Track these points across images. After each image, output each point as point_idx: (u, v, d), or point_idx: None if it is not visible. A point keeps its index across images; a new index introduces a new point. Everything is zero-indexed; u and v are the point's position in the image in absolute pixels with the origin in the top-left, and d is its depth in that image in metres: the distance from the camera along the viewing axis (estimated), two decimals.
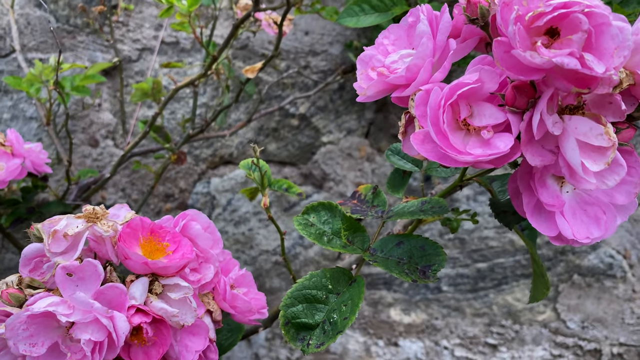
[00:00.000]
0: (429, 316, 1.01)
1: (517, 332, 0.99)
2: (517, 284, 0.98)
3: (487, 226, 0.98)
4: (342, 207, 0.41)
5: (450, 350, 1.01)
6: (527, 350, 0.99)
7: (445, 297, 1.00)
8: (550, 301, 0.98)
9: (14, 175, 0.67)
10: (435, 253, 0.37)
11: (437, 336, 1.01)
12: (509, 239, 0.97)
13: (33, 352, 0.32)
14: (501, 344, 0.99)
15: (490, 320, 0.99)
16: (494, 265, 0.98)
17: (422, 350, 1.01)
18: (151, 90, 0.75)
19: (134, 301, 0.36)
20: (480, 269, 0.99)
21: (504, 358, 0.99)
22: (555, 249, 0.97)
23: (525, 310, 0.98)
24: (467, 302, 1.00)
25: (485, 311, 0.99)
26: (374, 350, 1.03)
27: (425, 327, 1.01)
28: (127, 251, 0.36)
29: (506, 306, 0.99)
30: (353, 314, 0.36)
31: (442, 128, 0.28)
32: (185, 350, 0.39)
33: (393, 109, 1.00)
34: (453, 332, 1.00)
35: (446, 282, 1.00)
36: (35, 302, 0.33)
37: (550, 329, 0.98)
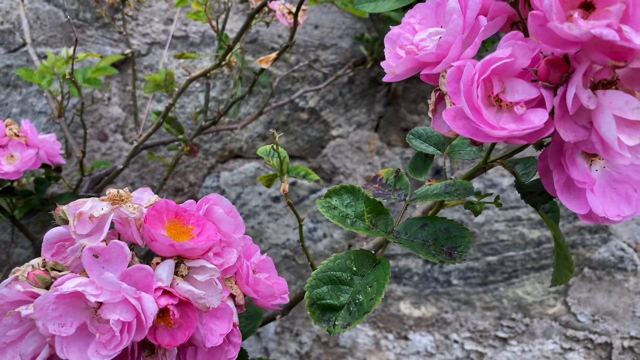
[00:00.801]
0: (439, 310, 1.01)
1: (527, 325, 0.98)
2: (527, 278, 0.98)
3: (497, 219, 0.98)
4: (364, 191, 0.41)
5: (460, 343, 1.01)
6: (538, 344, 0.98)
7: (455, 290, 1.00)
8: (561, 294, 0.98)
9: (28, 165, 0.67)
10: (461, 235, 0.37)
11: (447, 330, 1.01)
12: (519, 232, 0.97)
13: (62, 332, 0.32)
14: (511, 337, 0.99)
15: (500, 314, 0.99)
16: (504, 259, 0.98)
17: (432, 344, 1.01)
18: (164, 82, 0.75)
19: (161, 283, 0.36)
20: (490, 262, 0.99)
21: (514, 352, 0.99)
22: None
23: (536, 304, 0.98)
24: (477, 296, 1.00)
25: (496, 305, 0.99)
26: (384, 344, 1.03)
27: (435, 320, 1.01)
28: (153, 233, 0.36)
29: (516, 299, 0.99)
30: (379, 295, 0.36)
31: (475, 103, 0.28)
32: (210, 334, 0.39)
33: (403, 103, 1.00)
34: (463, 326, 1.00)
35: (456, 275, 1.00)
36: (63, 282, 0.33)
37: (560, 323, 0.98)
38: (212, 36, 1.04)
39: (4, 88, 1.09)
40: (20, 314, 0.33)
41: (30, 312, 0.33)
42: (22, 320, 0.34)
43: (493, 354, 0.99)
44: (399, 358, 1.03)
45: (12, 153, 0.67)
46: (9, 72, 1.09)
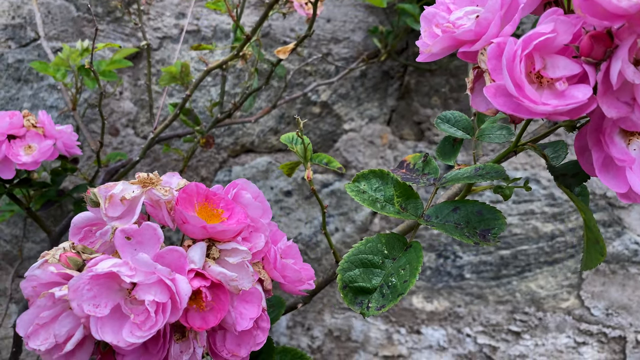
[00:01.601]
0: (451, 304, 1.00)
1: (540, 319, 0.98)
2: (540, 271, 0.98)
3: (510, 213, 0.97)
4: (394, 175, 0.41)
5: (473, 337, 1.00)
6: (551, 338, 0.98)
7: (468, 284, 1.00)
8: (574, 288, 0.97)
9: (46, 156, 0.67)
10: (494, 217, 0.37)
11: (459, 324, 1.00)
12: (533, 226, 0.97)
13: (97, 313, 0.32)
14: (524, 331, 0.99)
15: (513, 308, 0.99)
16: (517, 253, 0.98)
17: (445, 338, 1.01)
18: (179, 74, 0.74)
19: (193, 265, 0.35)
20: (503, 256, 0.98)
21: (527, 346, 0.99)
22: (580, 236, 0.97)
23: (549, 298, 0.98)
24: (490, 290, 0.99)
25: (509, 298, 0.99)
26: (396, 338, 1.03)
27: (447, 314, 1.01)
28: (185, 214, 0.36)
29: (529, 293, 0.98)
30: (413, 277, 0.36)
31: (518, 79, 0.28)
32: (240, 318, 0.38)
33: (416, 96, 0.99)
34: (476, 320, 1.00)
35: (469, 269, 0.99)
36: (97, 263, 0.33)
37: (574, 316, 0.98)
38: (224, 30, 1.04)
39: (15, 83, 1.09)
40: (54, 295, 0.33)
41: (64, 293, 0.33)
42: (55, 302, 0.34)
43: (506, 348, 0.99)
44: (411, 352, 1.02)
45: (30, 144, 0.67)
46: (21, 67, 1.09)
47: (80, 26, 1.08)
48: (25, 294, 0.35)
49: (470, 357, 1.01)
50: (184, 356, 0.36)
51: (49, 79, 1.08)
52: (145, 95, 1.07)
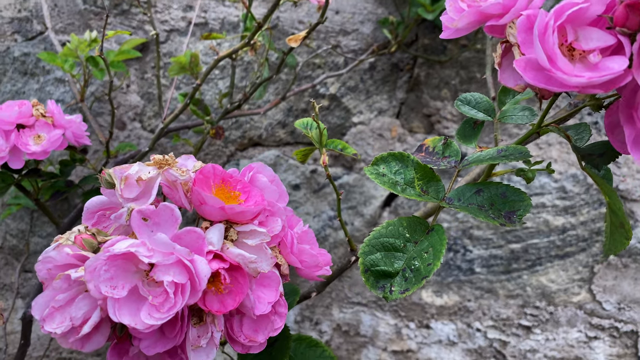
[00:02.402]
0: (461, 298, 0.99)
1: (551, 313, 0.97)
2: (551, 265, 0.97)
3: None
4: (414, 157, 0.40)
5: (483, 332, 0.99)
6: (562, 332, 0.97)
7: (478, 278, 0.99)
8: (586, 282, 0.96)
9: (55, 145, 0.66)
10: (519, 199, 0.36)
11: (469, 318, 1.00)
12: (544, 220, 0.96)
13: (115, 294, 0.31)
14: (535, 325, 0.98)
15: (524, 302, 0.98)
16: (528, 246, 0.97)
17: (455, 333, 1.00)
18: (189, 64, 0.74)
19: (212, 247, 0.35)
20: (513, 249, 0.97)
21: (538, 340, 0.98)
22: (591, 229, 0.96)
23: (560, 292, 0.97)
24: (501, 284, 0.98)
25: (519, 293, 0.98)
26: (405, 332, 1.02)
27: (457, 309, 1.00)
28: (203, 195, 0.35)
29: (540, 287, 0.97)
30: (437, 260, 0.35)
31: (550, 50, 0.27)
32: (258, 302, 0.38)
33: (426, 89, 0.98)
34: (486, 314, 0.99)
35: (479, 263, 0.98)
36: (114, 244, 0.32)
37: (585, 311, 0.97)
38: (231, 22, 1.04)
39: (21, 76, 1.08)
40: (69, 277, 0.32)
41: (80, 275, 0.32)
42: (70, 284, 0.33)
43: (516, 343, 0.98)
44: (421, 347, 1.01)
45: (39, 133, 0.67)
46: (27, 61, 1.09)
47: (87, 19, 1.07)
48: (39, 276, 0.34)
49: (480, 352, 1.00)
50: (202, 340, 0.35)
51: (55, 73, 1.07)
52: (152, 89, 1.06)
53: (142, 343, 0.35)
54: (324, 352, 0.51)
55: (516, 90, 0.31)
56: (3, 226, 1.12)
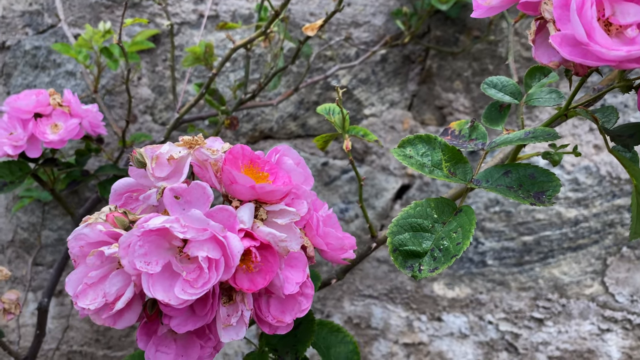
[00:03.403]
0: (473, 290, 0.99)
1: (563, 306, 0.97)
2: (563, 257, 0.97)
3: None
4: (441, 139, 0.40)
5: (495, 325, 0.99)
6: (574, 325, 0.97)
7: (490, 271, 0.99)
8: (598, 274, 0.96)
9: (72, 134, 0.67)
10: (548, 180, 0.36)
11: (481, 310, 1.00)
12: (556, 212, 0.96)
13: (149, 270, 0.31)
14: (547, 318, 0.98)
15: (536, 294, 0.98)
16: (540, 238, 0.97)
17: (466, 325, 1.00)
18: (203, 55, 0.74)
19: (242, 225, 0.35)
20: (526, 242, 0.97)
21: (550, 332, 0.98)
22: (604, 221, 0.95)
23: (572, 284, 0.97)
24: (513, 276, 0.98)
25: (531, 285, 0.98)
26: (417, 325, 1.02)
27: (469, 301, 1.00)
28: (234, 174, 0.35)
29: (552, 280, 0.97)
30: (467, 239, 0.35)
31: (589, 24, 0.27)
32: (287, 282, 0.38)
33: (438, 80, 0.98)
34: (498, 307, 0.99)
35: (491, 255, 0.98)
36: (148, 220, 0.32)
37: (598, 303, 0.96)
38: (242, 15, 1.04)
39: (32, 70, 1.08)
40: (103, 254, 0.33)
41: (113, 251, 0.32)
42: (103, 261, 0.33)
43: (528, 335, 0.98)
44: (432, 340, 1.01)
45: (56, 122, 0.67)
46: (38, 54, 1.09)
47: (98, 12, 1.07)
48: (72, 254, 0.34)
49: (492, 345, 1.00)
50: (232, 319, 0.35)
51: (66, 66, 1.07)
52: (163, 82, 1.07)
53: (173, 321, 0.35)
54: (345, 338, 0.51)
55: (550, 67, 0.31)
56: (14, 219, 1.12)
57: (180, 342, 0.38)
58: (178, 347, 0.37)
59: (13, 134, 0.65)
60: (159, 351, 0.37)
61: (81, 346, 1.15)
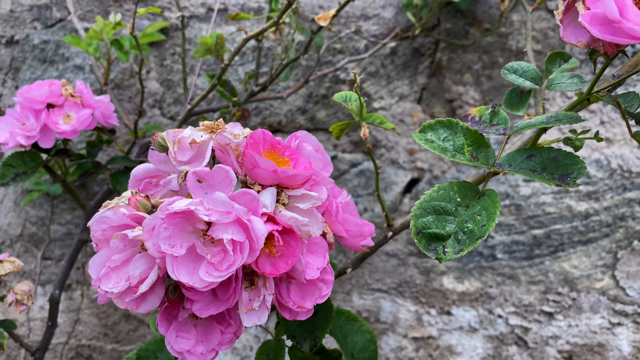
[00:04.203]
0: (482, 284, 0.99)
1: (574, 299, 0.97)
2: (574, 251, 0.96)
3: (544, 192, 0.96)
4: (463, 124, 0.40)
5: (504, 318, 0.99)
6: (585, 319, 0.97)
7: (499, 264, 0.98)
8: (609, 268, 0.96)
9: (85, 125, 0.67)
10: (572, 162, 0.36)
11: (491, 304, 0.99)
12: (567, 205, 0.95)
13: (174, 252, 0.31)
14: (557, 312, 0.97)
15: (546, 288, 0.97)
16: (551, 232, 0.96)
17: (476, 319, 1.00)
18: (214, 46, 0.73)
19: (265, 209, 0.35)
20: (536, 235, 0.97)
21: (560, 326, 0.97)
22: (615, 214, 0.95)
23: (583, 278, 0.96)
24: (522, 270, 0.98)
25: (541, 279, 0.98)
26: (426, 319, 1.02)
27: (479, 295, 0.99)
28: (256, 158, 0.35)
29: (563, 273, 0.97)
30: (492, 221, 0.35)
31: (621, 2, 0.27)
32: (307, 267, 0.38)
33: (448, 73, 0.98)
34: (508, 300, 0.99)
35: (501, 249, 0.98)
36: (172, 203, 0.32)
37: (608, 297, 0.96)
38: (251, 8, 1.03)
39: (40, 64, 1.08)
40: (126, 237, 0.32)
41: (137, 234, 0.32)
42: (126, 244, 0.33)
43: (538, 329, 0.98)
44: (442, 333, 1.01)
45: (69, 113, 0.67)
46: (46, 48, 1.09)
47: (107, 6, 1.07)
48: (94, 237, 0.34)
49: (501, 339, 0.99)
50: (255, 303, 0.35)
51: (75, 60, 1.07)
52: (171, 76, 1.06)
53: (195, 305, 0.35)
54: (362, 327, 0.51)
55: (578, 47, 0.30)
56: (22, 214, 1.12)
57: (201, 327, 0.38)
58: (198, 332, 0.37)
59: (26, 124, 0.65)
60: (179, 336, 0.37)
61: (90, 340, 1.15)
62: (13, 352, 1.18)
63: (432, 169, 1.00)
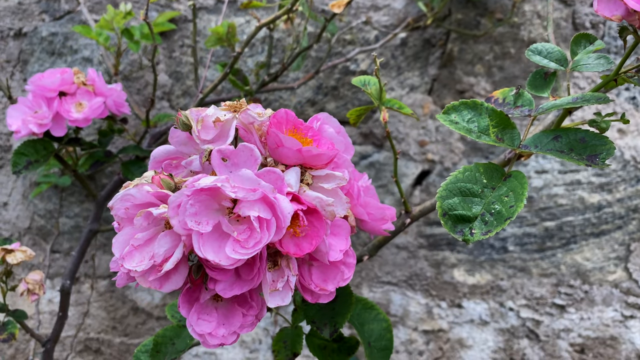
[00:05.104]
0: (494, 277, 0.99)
1: (586, 292, 0.96)
2: (586, 243, 0.96)
3: (556, 183, 0.95)
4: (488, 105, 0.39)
5: (515, 311, 0.98)
6: (597, 311, 0.96)
7: (511, 257, 0.98)
8: (622, 260, 0.95)
9: (97, 113, 0.66)
10: (600, 143, 0.35)
11: (502, 297, 0.99)
12: (579, 197, 0.95)
13: (201, 229, 0.30)
14: (569, 304, 0.97)
15: (558, 281, 0.97)
16: (563, 224, 0.96)
17: (487, 312, 0.99)
18: (226, 35, 0.73)
19: (290, 188, 0.34)
20: (548, 227, 0.96)
21: (572, 319, 0.97)
22: (628, 206, 0.94)
23: (595, 270, 0.96)
24: (534, 262, 0.97)
25: (553, 271, 0.97)
26: (436, 312, 1.01)
27: (490, 288, 0.99)
28: (281, 137, 0.34)
29: (575, 266, 0.96)
30: (520, 202, 0.34)
31: None
32: (330, 249, 0.37)
33: (459, 64, 0.97)
34: (519, 293, 0.98)
35: (512, 241, 0.97)
36: (197, 180, 0.32)
37: (621, 290, 0.95)
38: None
39: (49, 56, 1.08)
40: (151, 214, 0.32)
41: (162, 212, 0.32)
42: (150, 222, 0.33)
43: (550, 322, 0.97)
44: (452, 327, 1.01)
45: (81, 101, 0.66)
46: (55, 40, 1.08)
47: None
48: (116, 216, 0.34)
49: (512, 332, 0.99)
50: (278, 284, 0.34)
51: (83, 52, 1.07)
52: (180, 67, 1.06)
53: (219, 285, 0.34)
54: (378, 315, 0.51)
55: (612, 20, 0.30)
56: (31, 207, 1.12)
57: (222, 310, 0.37)
58: (219, 315, 0.37)
59: (38, 112, 0.65)
60: (200, 319, 0.36)
61: (98, 333, 1.15)
62: (22, 346, 1.18)
63: (443, 160, 0.99)
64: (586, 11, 0.94)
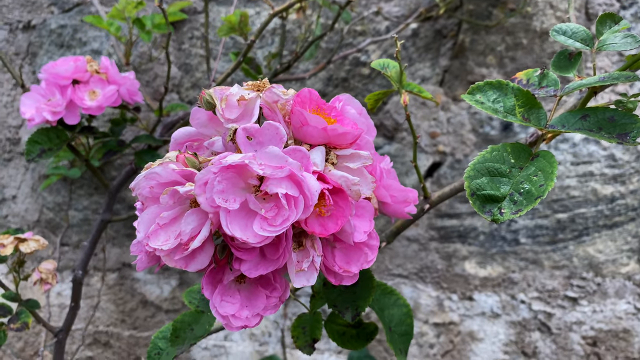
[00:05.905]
0: (505, 269, 0.98)
1: (599, 285, 0.95)
2: (599, 235, 0.95)
3: (568, 175, 0.94)
4: (514, 84, 0.39)
5: (527, 304, 0.98)
6: (610, 304, 0.95)
7: (522, 249, 0.97)
8: (635, 253, 0.94)
9: (110, 101, 0.66)
10: (630, 121, 0.35)
11: (513, 290, 0.98)
12: (592, 188, 0.94)
13: (228, 206, 0.30)
14: (582, 297, 0.96)
15: (570, 273, 0.96)
16: (575, 216, 0.95)
17: (498, 304, 0.99)
18: (238, 24, 0.73)
19: (315, 167, 0.34)
20: (560, 219, 0.96)
21: (584, 312, 0.96)
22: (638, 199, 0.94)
23: (608, 263, 0.95)
24: (546, 255, 0.97)
25: (565, 263, 0.96)
26: (447, 304, 1.00)
27: (501, 280, 0.98)
28: (306, 115, 0.34)
29: (587, 258, 0.95)
30: (550, 181, 0.33)
31: None
32: (355, 230, 0.37)
33: (471, 55, 0.97)
34: (531, 286, 0.97)
35: (524, 234, 0.97)
36: (224, 157, 0.31)
37: (634, 282, 0.95)
38: None
39: (57, 49, 1.08)
40: (177, 192, 0.32)
41: (188, 189, 0.31)
42: (175, 201, 0.32)
43: (562, 315, 0.97)
44: (463, 319, 1.00)
45: (94, 89, 0.66)
46: (64, 33, 1.08)
47: None
48: (140, 195, 0.33)
49: (524, 324, 0.98)
50: (304, 264, 0.34)
51: (92, 44, 1.07)
52: (189, 60, 1.06)
53: (244, 265, 0.34)
54: (398, 300, 0.50)
55: None
56: (40, 200, 1.12)
57: (244, 292, 0.37)
58: (242, 297, 0.37)
59: (51, 100, 0.64)
60: (224, 300, 0.36)
61: (107, 326, 1.15)
62: (30, 338, 1.18)
63: (455, 152, 0.98)
64: (599, 1, 0.93)
